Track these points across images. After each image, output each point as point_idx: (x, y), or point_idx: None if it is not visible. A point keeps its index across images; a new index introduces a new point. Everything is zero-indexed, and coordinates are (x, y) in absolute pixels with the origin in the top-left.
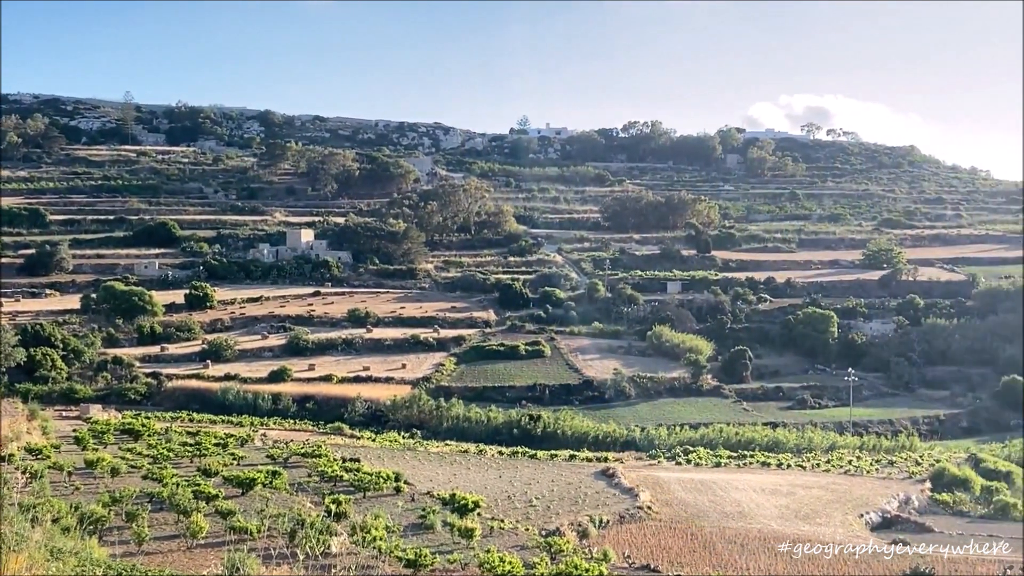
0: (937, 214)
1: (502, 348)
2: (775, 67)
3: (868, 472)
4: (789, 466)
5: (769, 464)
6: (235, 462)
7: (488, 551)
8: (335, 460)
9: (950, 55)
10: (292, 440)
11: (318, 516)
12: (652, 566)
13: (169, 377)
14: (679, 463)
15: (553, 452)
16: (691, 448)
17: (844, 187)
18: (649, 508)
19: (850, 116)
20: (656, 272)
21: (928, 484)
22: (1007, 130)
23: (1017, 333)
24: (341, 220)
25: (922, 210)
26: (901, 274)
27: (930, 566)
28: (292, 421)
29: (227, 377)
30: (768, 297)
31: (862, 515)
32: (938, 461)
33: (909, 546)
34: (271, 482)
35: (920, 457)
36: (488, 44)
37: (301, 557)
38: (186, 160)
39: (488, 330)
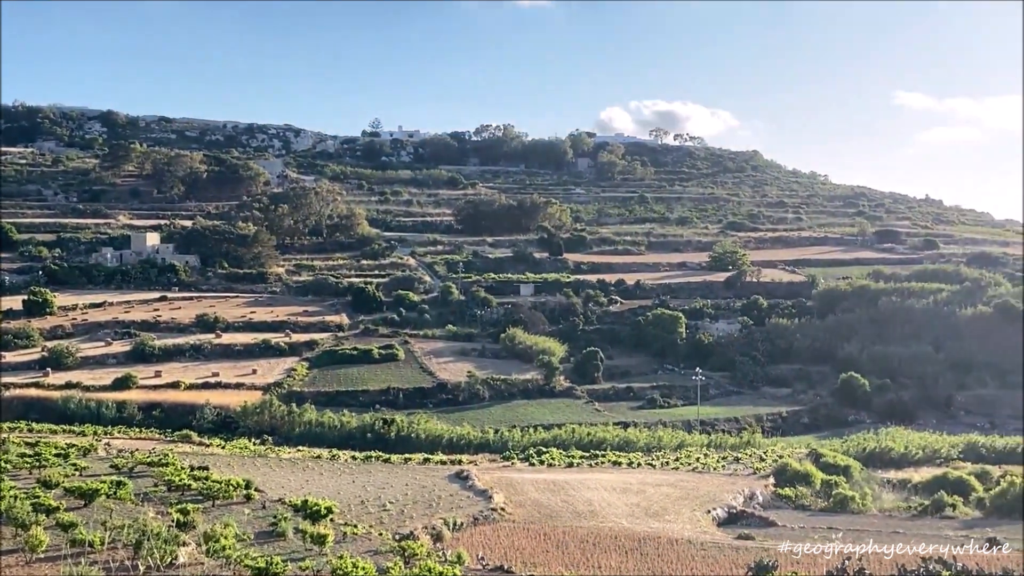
0: (779, 217)
1: (355, 352)
2: (626, 72)
3: (715, 469)
4: (640, 465)
5: (620, 463)
6: (77, 473)
7: (341, 557)
8: (183, 468)
9: (789, 62)
10: (138, 449)
11: (165, 526)
12: (506, 567)
13: (6, 386)
14: (533, 464)
15: (407, 456)
16: (544, 449)
17: (691, 191)
18: (503, 509)
19: (697, 122)
20: (509, 275)
21: (771, 479)
22: (844, 136)
23: (854, 331)
24: (188, 223)
25: (765, 213)
26: (745, 275)
27: (773, 559)
28: (138, 429)
29: (69, 385)
30: (619, 299)
31: (709, 511)
32: (781, 457)
33: (754, 540)
34: (115, 492)
35: (764, 453)
36: (339, 45)
37: (142, 569)
38: (23, 161)
39: (341, 334)
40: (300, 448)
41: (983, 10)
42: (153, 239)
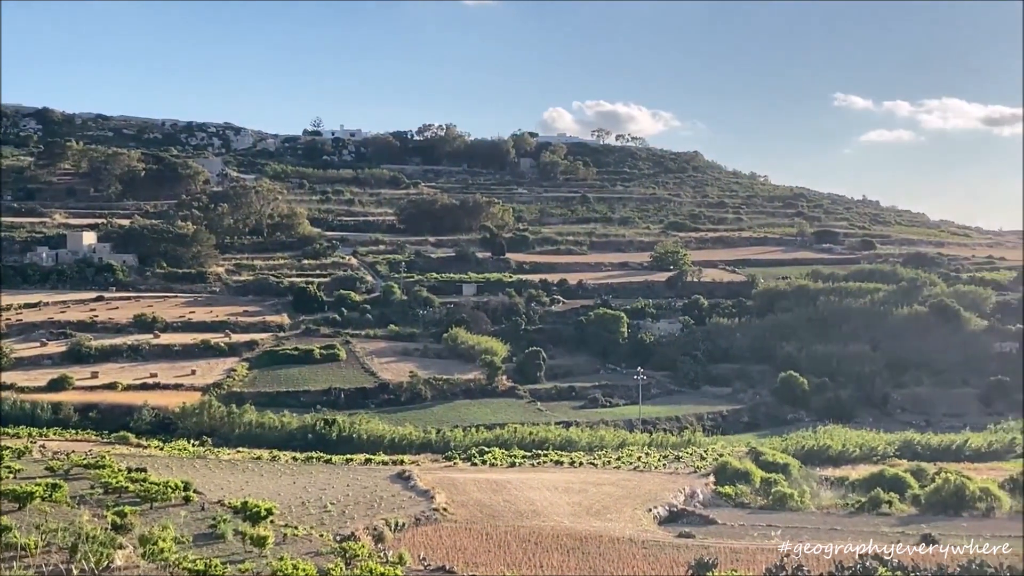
0: (719, 217)
1: (296, 352)
2: (569, 73)
3: (656, 468)
4: (581, 464)
5: (562, 462)
6: (11, 475)
7: (281, 559)
8: (120, 471)
9: (731, 64)
10: (74, 451)
11: (101, 529)
12: (448, 567)
13: None
14: (475, 464)
15: (349, 456)
16: (487, 449)
17: (633, 191)
18: (445, 510)
19: (640, 122)
20: (451, 274)
21: (712, 478)
22: (783, 137)
23: (793, 331)
24: (126, 222)
25: (706, 213)
26: (687, 275)
27: (713, 557)
28: (74, 431)
29: (2, 387)
30: (561, 298)
31: (650, 509)
32: (721, 456)
33: (694, 538)
34: (51, 495)
35: (705, 452)
36: (280, 43)
37: (77, 572)
38: None
39: (282, 334)
40: (240, 449)
41: (922, 14)
42: (90, 238)
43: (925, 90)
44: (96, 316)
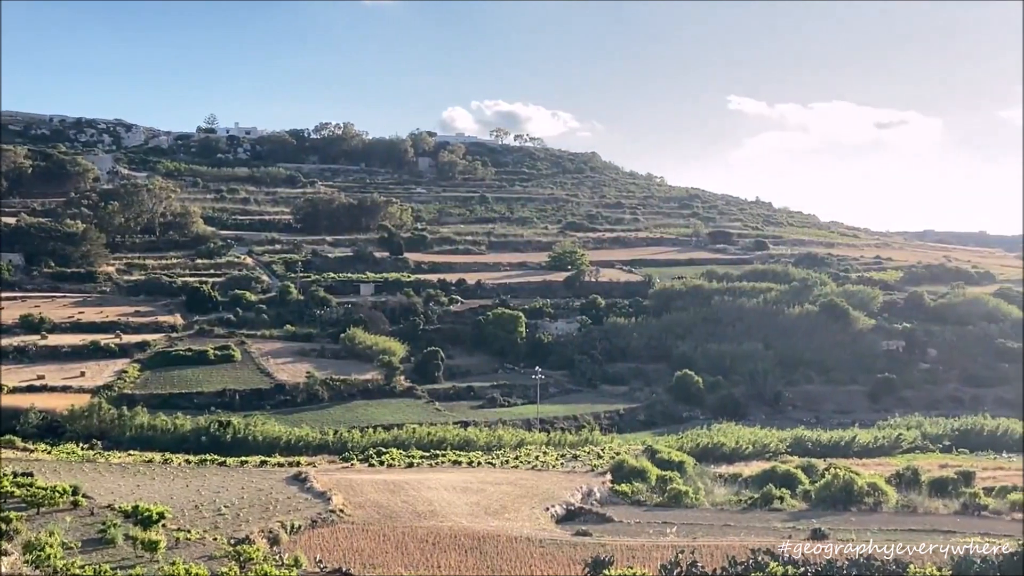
0: (616, 218)
1: (190, 353)
2: (468, 72)
3: (554, 467)
4: (480, 464)
5: (461, 462)
6: None
7: (173, 563)
8: (5, 475)
9: (629, 65)
10: None
11: None
12: (344, 569)
13: None
14: (373, 465)
15: (244, 459)
16: (384, 449)
17: (531, 191)
18: (342, 511)
19: (539, 122)
20: (349, 274)
21: (609, 476)
22: (680, 139)
23: (689, 330)
24: (12, 220)
25: (603, 214)
26: (584, 275)
27: (610, 554)
28: None
29: None
30: (460, 298)
31: (548, 508)
32: (618, 454)
33: (591, 536)
34: None
35: (602, 450)
36: (173, 40)
37: None
38: None
39: (175, 335)
40: (131, 452)
41: (813, 18)
42: None
43: (816, 94)
44: None
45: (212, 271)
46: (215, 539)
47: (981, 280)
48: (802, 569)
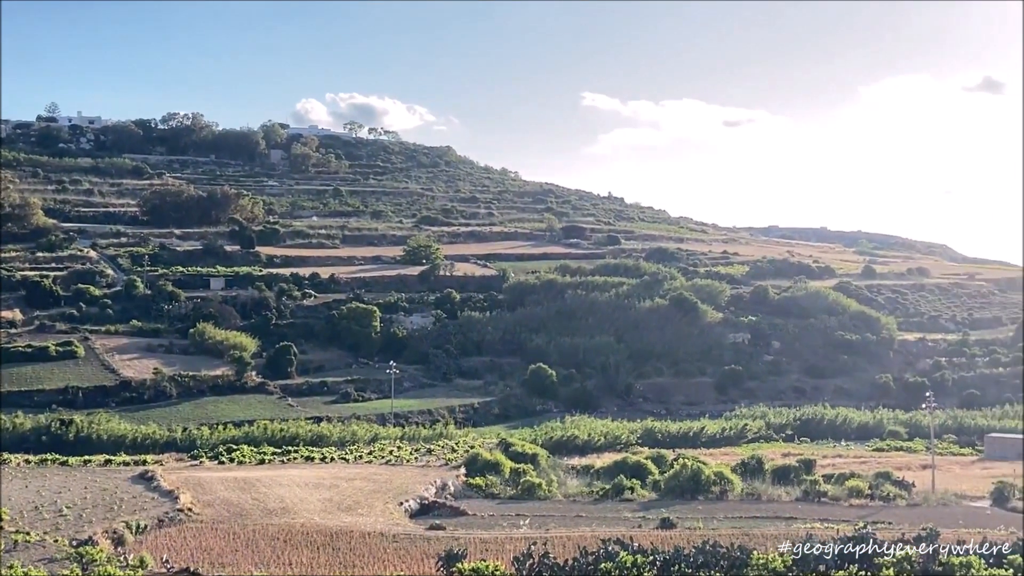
0: (472, 212)
1: (29, 349)
2: (322, 64)
3: (408, 461)
4: (333, 459)
5: (313, 458)
6: None
7: (11, 567)
8: None
9: (484, 60)
10: None
11: None
12: (192, 569)
13: None
14: (223, 462)
15: (87, 458)
16: (235, 446)
17: (386, 185)
18: (190, 510)
19: (395, 116)
20: (199, 268)
21: (463, 470)
22: (534, 135)
23: (543, 324)
24: None
25: (458, 208)
26: (439, 269)
27: (463, 547)
28: None
29: None
30: (313, 293)
31: (402, 503)
32: (472, 447)
33: (444, 530)
34: None
35: (456, 444)
36: (12, 26)
37: None
38: None
39: (13, 331)
40: None
41: (666, 16)
42: None
43: (668, 91)
44: None
45: (54, 264)
46: (56, 541)
47: (822, 274)
48: (651, 557)
